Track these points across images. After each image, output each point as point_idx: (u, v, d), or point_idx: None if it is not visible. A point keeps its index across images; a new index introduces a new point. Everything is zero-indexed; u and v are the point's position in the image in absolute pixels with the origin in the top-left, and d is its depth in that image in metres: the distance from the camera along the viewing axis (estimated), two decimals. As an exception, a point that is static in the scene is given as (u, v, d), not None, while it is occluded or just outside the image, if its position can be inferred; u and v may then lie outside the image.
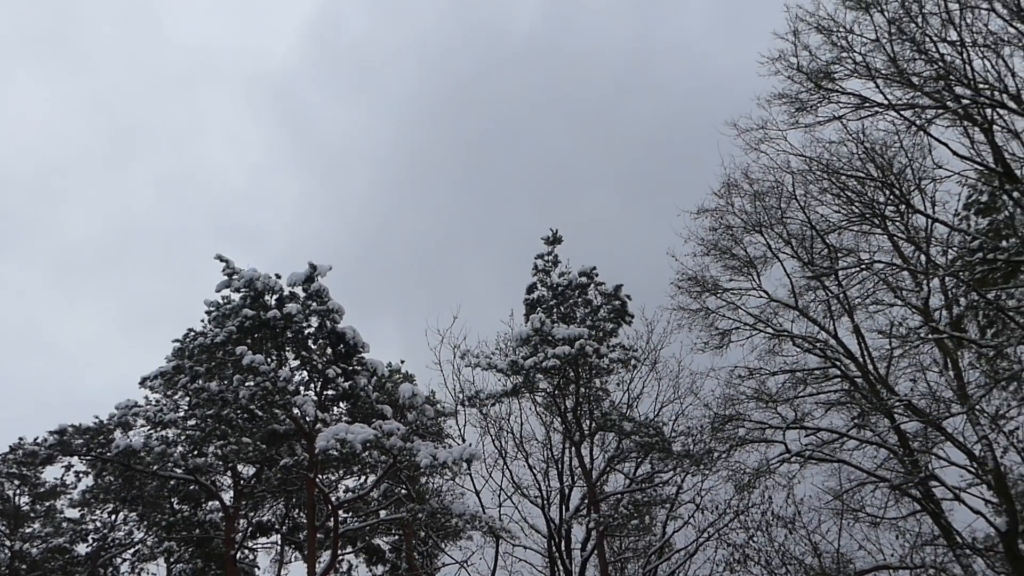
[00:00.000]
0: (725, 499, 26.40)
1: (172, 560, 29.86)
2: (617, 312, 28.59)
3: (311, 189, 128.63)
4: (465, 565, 27.83)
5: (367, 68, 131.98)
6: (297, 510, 29.67)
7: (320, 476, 25.99)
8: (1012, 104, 18.97)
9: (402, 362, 31.11)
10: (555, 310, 28.98)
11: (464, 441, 28.39)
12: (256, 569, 32.19)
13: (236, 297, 25.46)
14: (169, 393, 26.13)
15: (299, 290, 25.81)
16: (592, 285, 29.12)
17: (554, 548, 26.88)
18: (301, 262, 25.71)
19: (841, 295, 24.74)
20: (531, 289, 29.60)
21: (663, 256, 27.40)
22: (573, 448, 27.68)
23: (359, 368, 26.23)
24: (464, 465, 25.15)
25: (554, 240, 29.69)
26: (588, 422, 27.89)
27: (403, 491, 27.60)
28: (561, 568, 26.66)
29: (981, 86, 19.24)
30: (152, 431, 25.35)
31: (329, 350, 26.21)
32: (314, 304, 25.54)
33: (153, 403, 26.43)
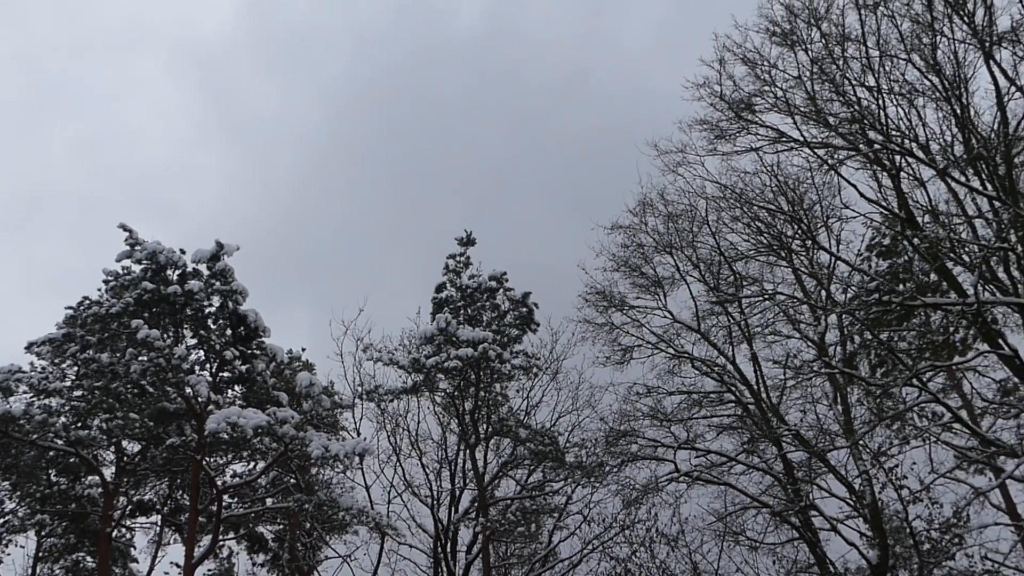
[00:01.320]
0: (612, 513, 26.76)
1: (44, 534, 28.83)
2: (523, 319, 28.67)
3: (234, 167, 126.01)
4: (348, 560, 27.57)
5: (301, 48, 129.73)
6: (181, 492, 28.94)
7: (207, 459, 25.42)
8: (920, 153, 19.62)
9: (303, 350, 30.71)
10: (462, 312, 28.93)
11: (359, 435, 28.15)
12: (132, 549, 31.34)
13: (137, 269, 24.80)
14: (56, 361, 25.24)
15: (203, 268, 25.26)
16: (501, 290, 29.15)
17: (440, 549, 26.81)
18: (215, 240, 25.13)
19: (743, 322, 25.25)
20: (440, 288, 29.49)
21: (577, 268, 27.68)
22: (468, 450, 27.66)
23: (258, 352, 25.78)
24: (356, 459, 24.98)
25: (467, 241, 29.65)
26: (485, 426, 27.90)
27: (292, 480, 27.20)
28: (445, 569, 26.61)
29: (893, 133, 19.87)
30: (35, 398, 24.44)
31: (229, 331, 25.69)
32: (218, 283, 25.02)
33: (39, 370, 25.49)
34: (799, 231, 23.15)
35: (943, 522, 24.21)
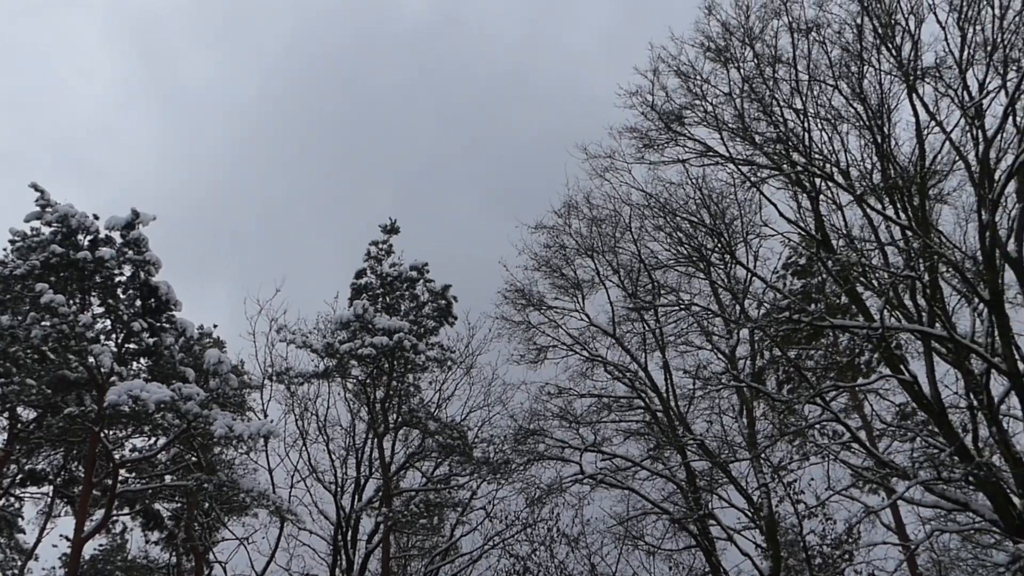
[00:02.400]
0: (515, 510, 26.78)
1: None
2: (442, 311, 28.58)
3: (163, 136, 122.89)
4: (246, 542, 27.12)
5: (243, 22, 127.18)
6: (76, 463, 28.12)
7: (106, 431, 24.74)
8: (840, 178, 20.06)
9: (214, 326, 30.10)
10: (381, 299, 28.71)
11: (266, 416, 27.68)
12: (19, 519, 30.35)
13: (47, 231, 23.99)
14: (-48, 321, 24.26)
15: (117, 235, 24.55)
16: (422, 281, 29.00)
17: (340, 537, 26.55)
18: (136, 207, 24.44)
19: (657, 330, 25.61)
20: (360, 274, 29.22)
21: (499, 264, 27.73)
22: (376, 439, 27.44)
23: (168, 326, 25.15)
24: (261, 441, 24.62)
25: (391, 229, 29.44)
26: (395, 416, 27.73)
27: (193, 459, 26.65)
28: (344, 558, 26.36)
29: (815, 156, 20.28)
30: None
31: (139, 302, 25.01)
32: (130, 252, 24.35)
33: (-65, 327, 24.50)
34: (719, 245, 23.51)
35: (835, 538, 24.78)
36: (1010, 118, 18.30)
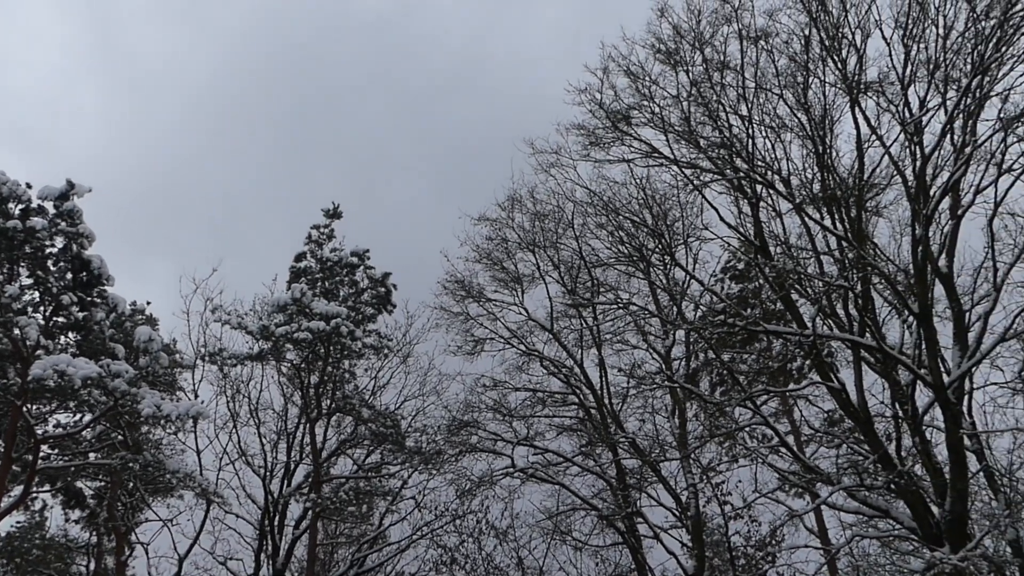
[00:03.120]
0: (445, 502, 26.78)
1: None
2: (381, 299, 28.40)
3: (112, 108, 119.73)
4: (169, 524, 26.67)
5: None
6: (-4, 437, 27.39)
7: (29, 406, 24.13)
8: (781, 186, 20.31)
9: (148, 303, 29.59)
10: (319, 284, 28.43)
11: (196, 397, 27.24)
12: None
13: (-25, 198, 23.27)
14: None
15: (50, 205, 23.92)
16: (362, 267, 28.78)
17: (268, 522, 26.27)
18: (82, 180, 23.81)
19: (595, 328, 25.75)
20: (300, 258, 28.91)
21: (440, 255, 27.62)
22: (308, 424, 27.18)
23: (99, 300, 24.56)
24: (190, 421, 24.23)
25: (333, 214, 29.17)
26: (328, 401, 27.49)
27: (119, 437, 26.11)
28: (270, 543, 26.10)
29: (758, 163, 20.49)
30: None
31: (69, 275, 24.40)
32: (63, 224, 23.73)
33: None
34: (659, 245, 23.69)
35: (759, 539, 25.19)
36: (948, 136, 18.71)
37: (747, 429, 24.96)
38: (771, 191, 20.57)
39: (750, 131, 20.42)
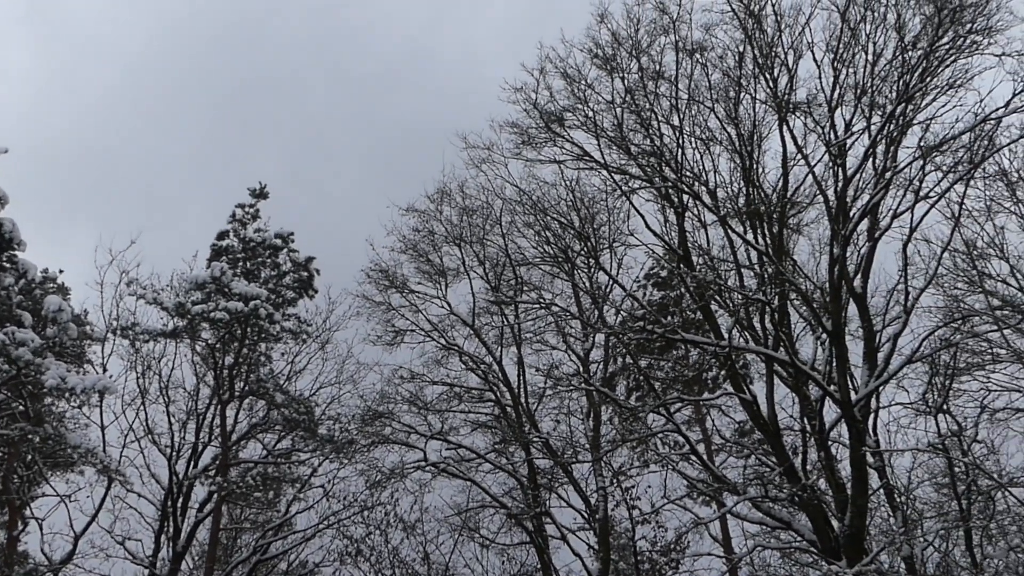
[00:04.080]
0: (355, 492, 26.52)
1: None
2: (303, 283, 28.01)
3: (39, 68, 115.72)
4: (67, 500, 25.87)
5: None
6: None
7: (-76, 371, 23.26)
8: (707, 198, 20.59)
9: (60, 271, 28.74)
10: (241, 264, 27.90)
11: (105, 371, 26.48)
12: None
13: None
14: None
15: (-40, 165, 23.12)
16: (286, 250, 28.34)
17: (171, 503, 25.69)
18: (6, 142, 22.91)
19: (516, 326, 25.81)
20: (222, 236, 28.32)
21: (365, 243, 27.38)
22: (219, 406, 26.66)
23: (8, 266, 23.76)
24: (96, 395, 23.57)
25: (260, 194, 28.65)
26: (242, 384, 27.00)
27: (20, 407, 25.29)
28: (172, 524, 25.55)
29: (686, 174, 20.74)
30: None
31: (-23, 238, 23.59)
32: (-26, 184, 22.93)
33: None
34: (585, 248, 23.80)
35: (665, 545, 25.56)
36: (870, 160, 19.21)
37: (660, 435, 25.34)
38: (697, 202, 20.84)
39: (680, 141, 20.68)
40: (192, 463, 26.27)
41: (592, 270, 24.94)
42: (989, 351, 21.19)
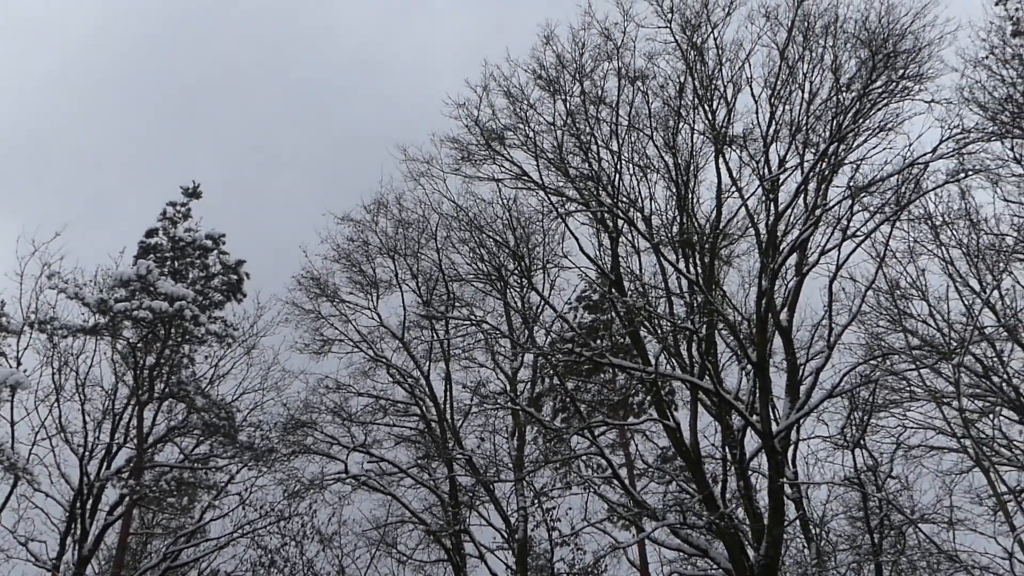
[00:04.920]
0: (272, 501, 26.08)
1: None
2: (232, 286, 27.58)
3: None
4: (-35, 498, 24.96)
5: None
6: None
7: None
8: (642, 225, 20.76)
9: (-21, 263, 27.79)
10: (169, 263, 27.37)
11: (19, 365, 25.66)
12: None
13: None
14: None
15: None
16: (216, 252, 27.90)
17: (80, 504, 24.96)
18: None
19: (445, 341, 25.73)
20: (151, 234, 27.77)
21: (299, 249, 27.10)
22: (137, 407, 26.03)
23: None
24: (6, 390, 22.88)
25: (193, 193, 28.19)
26: (162, 385, 26.41)
27: (-76, 399, 24.41)
28: (79, 527, 24.80)
29: (622, 199, 20.89)
30: None
31: None
32: None
33: None
34: (519, 268, 23.83)
35: (583, 568, 25.58)
36: (801, 196, 19.59)
37: (583, 458, 25.39)
38: (632, 228, 21.00)
39: (619, 167, 20.84)
40: (105, 464, 25.61)
41: (525, 290, 25.02)
42: (907, 389, 21.69)
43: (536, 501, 24.78)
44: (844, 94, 19.48)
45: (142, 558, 27.94)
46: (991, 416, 20.88)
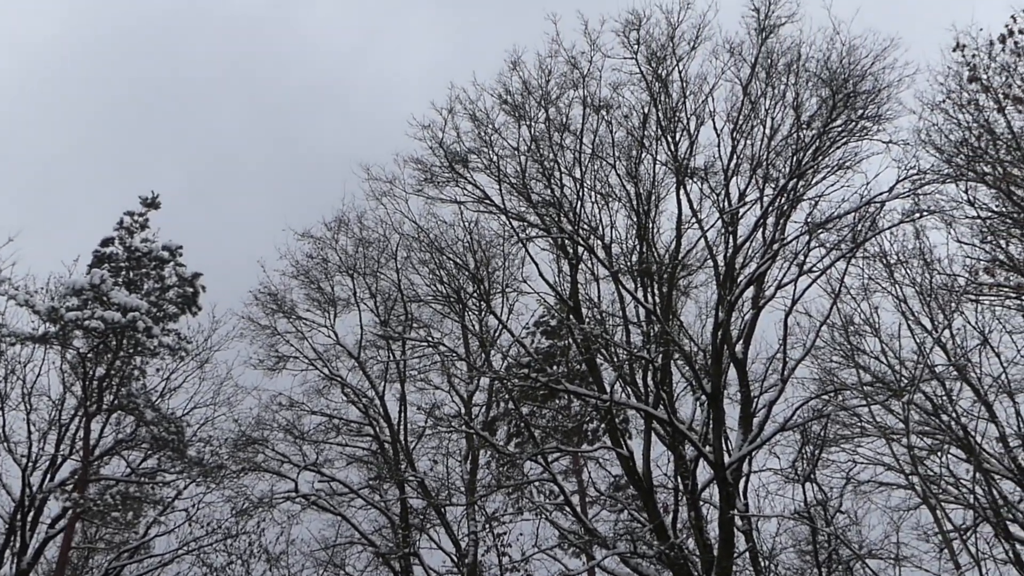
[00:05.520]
0: (219, 519, 25.71)
1: None
2: (187, 299, 27.28)
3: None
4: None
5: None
6: None
7: None
8: (601, 253, 20.87)
9: (-72, 265, 27.18)
10: (123, 273, 27.03)
11: (-38, 372, 25.16)
12: None
13: None
14: None
15: None
16: (173, 263, 27.60)
17: (20, 516, 24.42)
18: None
19: (402, 362, 25.61)
20: (107, 243, 27.44)
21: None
22: (85, 418, 25.58)
23: None
24: (-51, 398, 22.40)
25: (151, 203, 27.93)
26: (111, 397, 26.01)
27: None
28: (19, 539, 24.25)
29: (583, 227, 21.00)
30: None
31: None
32: None
33: None
34: (478, 291, 23.81)
35: (532, 594, 25.45)
36: (760, 230, 19.80)
37: (536, 484, 25.35)
38: (592, 255, 21.11)
39: (581, 194, 20.96)
40: (49, 476, 25.11)
41: (483, 313, 24.98)
42: (857, 425, 21.96)
43: (487, 526, 24.61)
44: (805, 131, 19.78)
45: (83, 573, 27.39)
46: (939, 454, 21.19)
